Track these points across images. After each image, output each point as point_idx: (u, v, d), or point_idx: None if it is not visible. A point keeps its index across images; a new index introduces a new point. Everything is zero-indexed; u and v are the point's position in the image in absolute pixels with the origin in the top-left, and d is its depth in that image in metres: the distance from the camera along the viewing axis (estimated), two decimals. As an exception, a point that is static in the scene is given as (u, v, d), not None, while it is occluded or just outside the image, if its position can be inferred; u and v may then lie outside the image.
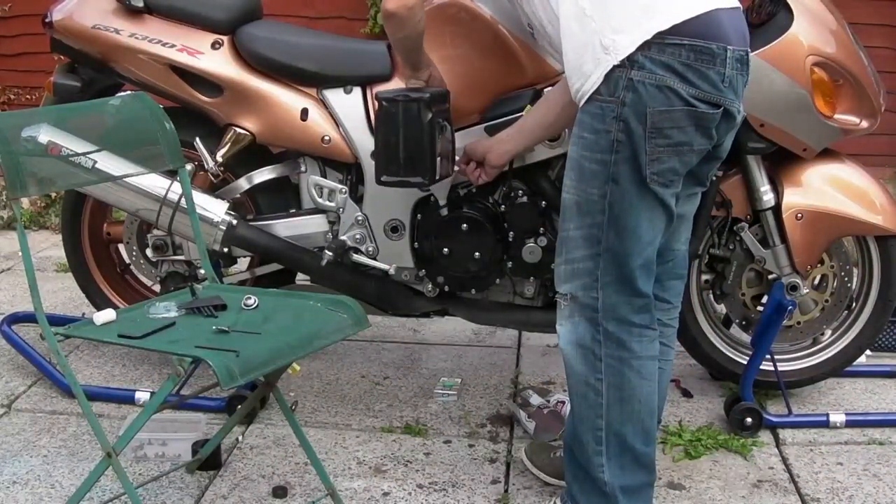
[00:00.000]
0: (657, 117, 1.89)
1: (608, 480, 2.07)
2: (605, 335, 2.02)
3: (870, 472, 2.49)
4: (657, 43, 1.86)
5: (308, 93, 2.67)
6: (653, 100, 1.88)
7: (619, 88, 1.89)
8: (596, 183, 1.95)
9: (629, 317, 2.03)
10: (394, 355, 3.22)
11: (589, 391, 2.05)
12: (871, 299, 2.77)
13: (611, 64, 1.88)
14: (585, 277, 2.01)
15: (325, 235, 2.73)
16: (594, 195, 1.96)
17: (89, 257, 3.07)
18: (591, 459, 2.08)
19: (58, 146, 2.19)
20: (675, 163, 1.94)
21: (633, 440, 2.06)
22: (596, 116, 1.93)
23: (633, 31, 1.87)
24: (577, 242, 2.01)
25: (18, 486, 2.36)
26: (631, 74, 1.87)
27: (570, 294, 2.04)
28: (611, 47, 1.89)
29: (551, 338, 3.26)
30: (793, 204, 2.63)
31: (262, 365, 1.90)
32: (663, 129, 1.90)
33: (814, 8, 2.52)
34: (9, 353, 3.07)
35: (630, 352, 2.03)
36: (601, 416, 2.05)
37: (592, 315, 2.02)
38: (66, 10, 2.75)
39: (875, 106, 2.59)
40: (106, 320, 2.07)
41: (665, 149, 1.91)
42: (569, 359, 2.07)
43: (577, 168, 1.98)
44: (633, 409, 2.06)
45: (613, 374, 2.03)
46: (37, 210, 4.79)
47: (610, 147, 1.92)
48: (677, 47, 1.87)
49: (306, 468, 2.43)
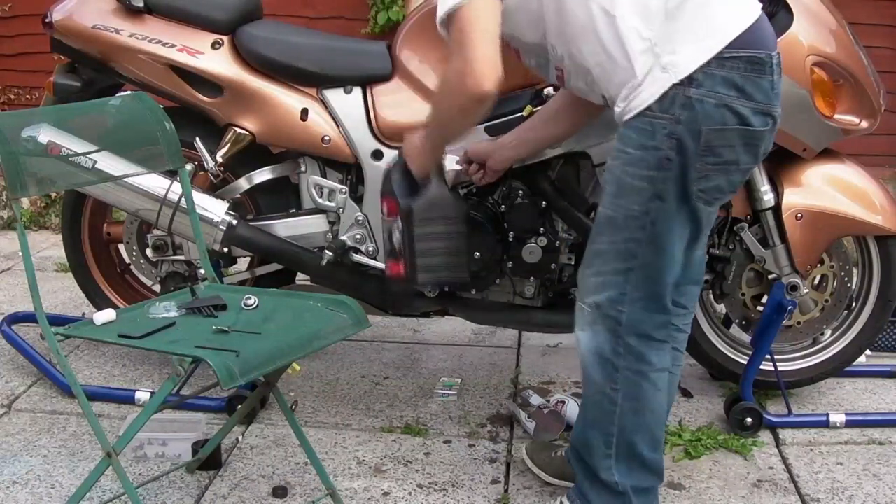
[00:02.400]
0: (711, 135, 1.87)
1: (619, 481, 2.09)
2: (625, 348, 2.01)
3: (870, 472, 2.49)
4: (717, 58, 1.85)
5: (308, 93, 2.67)
6: (708, 118, 1.86)
7: (675, 106, 1.86)
8: (638, 199, 1.92)
9: (651, 332, 2.03)
10: (394, 355, 3.22)
11: (603, 399, 2.05)
12: (871, 299, 2.77)
13: (670, 83, 1.86)
14: (613, 291, 1.99)
15: (325, 235, 2.74)
16: (634, 211, 1.93)
17: (89, 257, 3.07)
18: (599, 462, 2.09)
19: (58, 146, 2.19)
20: (721, 181, 1.94)
21: (642, 447, 2.08)
22: (644, 133, 1.89)
23: (695, 49, 1.85)
24: (610, 256, 1.98)
25: (18, 486, 2.36)
26: (689, 92, 1.85)
27: (596, 303, 2.02)
28: (670, 66, 1.86)
29: (551, 338, 3.27)
30: (793, 204, 2.63)
31: (262, 365, 1.90)
32: (715, 147, 1.89)
33: (814, 8, 2.52)
34: (9, 353, 3.07)
35: (649, 365, 2.04)
36: (613, 424, 2.06)
37: (615, 327, 2.00)
38: (66, 10, 2.75)
39: (875, 106, 2.59)
40: (106, 320, 2.07)
41: (713, 167, 1.91)
42: (587, 365, 2.06)
43: (617, 183, 1.95)
44: (646, 420, 2.07)
45: (630, 385, 2.03)
46: (37, 210, 4.79)
47: (658, 164, 1.89)
48: (736, 60, 1.86)
49: (306, 468, 2.43)
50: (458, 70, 1.88)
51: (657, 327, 2.03)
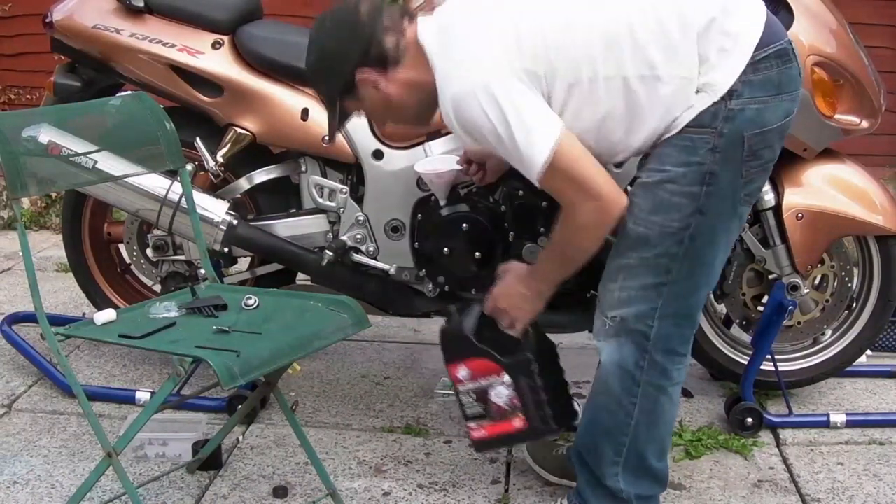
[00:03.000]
0: (753, 140, 1.89)
1: (624, 489, 2.09)
2: (650, 363, 2.00)
3: (870, 472, 2.49)
4: (750, 64, 1.86)
5: (308, 93, 2.66)
6: (750, 124, 1.88)
7: (718, 119, 1.87)
8: (678, 216, 1.91)
9: (677, 347, 2.03)
10: (394, 355, 3.22)
11: (619, 411, 2.05)
12: (872, 299, 2.77)
13: (710, 101, 1.86)
14: (643, 305, 1.97)
15: (326, 235, 2.73)
16: (672, 227, 1.92)
17: (89, 257, 3.07)
18: (606, 469, 2.09)
19: (58, 146, 2.19)
20: (761, 180, 1.98)
21: (651, 458, 2.09)
22: (685, 149, 1.89)
23: (728, 64, 1.86)
24: (640, 271, 1.97)
25: (19, 486, 2.36)
26: (730, 104, 1.86)
27: (620, 318, 2.00)
28: (706, 86, 1.87)
29: (551, 338, 3.26)
30: (793, 204, 2.63)
31: (263, 365, 1.90)
32: (757, 150, 1.91)
33: (814, 8, 2.52)
34: (9, 353, 3.07)
35: (669, 380, 2.04)
36: (626, 435, 2.06)
37: (642, 342, 1.99)
38: (66, 10, 2.75)
39: (875, 106, 2.59)
40: (106, 320, 2.07)
41: (756, 169, 1.94)
42: (607, 376, 2.05)
43: (654, 199, 1.93)
44: (659, 432, 2.08)
45: (649, 400, 2.03)
46: (37, 210, 4.79)
47: (701, 179, 1.89)
48: (766, 59, 1.88)
49: (307, 468, 2.43)
50: (592, 208, 1.88)
51: (684, 342, 2.03)
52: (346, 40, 1.97)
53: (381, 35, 1.95)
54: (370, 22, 1.95)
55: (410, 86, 1.98)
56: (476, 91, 1.83)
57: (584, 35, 1.86)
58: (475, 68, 1.86)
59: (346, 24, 1.97)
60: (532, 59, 1.85)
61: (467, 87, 1.84)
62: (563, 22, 1.88)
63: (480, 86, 1.83)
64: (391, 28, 1.96)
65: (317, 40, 2.03)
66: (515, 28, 1.87)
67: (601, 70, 1.85)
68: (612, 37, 1.85)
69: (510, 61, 1.84)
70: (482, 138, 1.88)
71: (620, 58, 1.85)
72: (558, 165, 1.85)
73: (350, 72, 1.97)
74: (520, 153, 1.85)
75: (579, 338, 3.00)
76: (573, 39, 1.86)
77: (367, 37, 1.95)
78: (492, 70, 1.84)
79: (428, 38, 1.94)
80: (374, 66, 1.96)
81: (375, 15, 1.96)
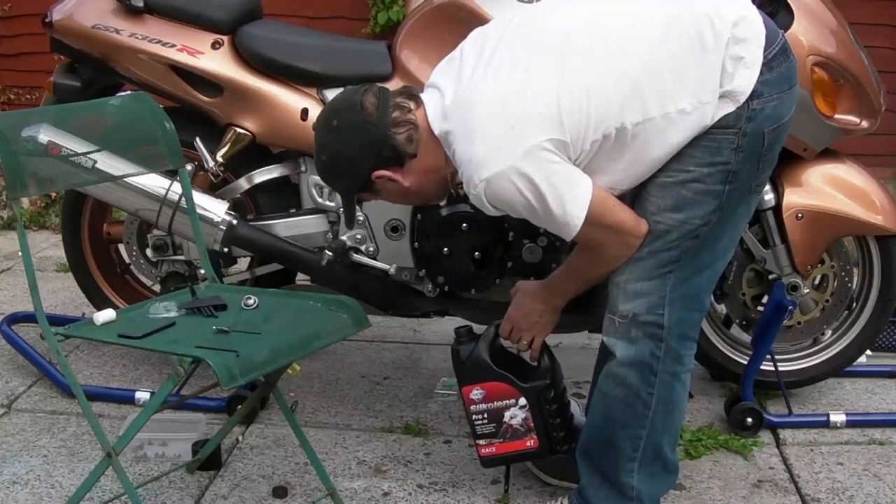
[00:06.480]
0: (771, 136, 1.93)
1: (635, 486, 2.10)
2: (665, 351, 2.01)
3: (870, 472, 2.48)
4: (765, 63, 1.88)
5: (308, 93, 2.67)
6: (769, 120, 1.91)
7: (741, 120, 1.89)
8: (700, 213, 1.93)
9: (690, 332, 2.05)
10: (394, 355, 3.22)
11: (637, 403, 2.06)
12: (872, 299, 2.77)
13: (734, 107, 1.88)
14: (652, 296, 1.99)
15: (326, 235, 2.73)
16: (694, 224, 1.94)
17: (89, 257, 3.07)
18: (621, 465, 2.10)
19: (58, 146, 2.19)
20: (770, 169, 2.02)
21: (666, 448, 2.11)
22: (709, 150, 1.91)
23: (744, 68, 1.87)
24: (649, 263, 1.98)
25: (18, 486, 2.36)
26: (753, 105, 1.89)
27: (631, 314, 2.01)
28: (728, 94, 1.88)
29: (551, 338, 3.21)
30: (793, 204, 2.63)
31: (262, 365, 1.90)
32: (772, 144, 1.96)
33: (814, 8, 2.52)
34: (9, 353, 3.07)
35: (682, 366, 2.06)
36: (644, 427, 2.07)
37: (656, 332, 2.00)
38: (66, 10, 2.75)
39: (875, 106, 2.59)
40: (106, 320, 2.07)
41: (769, 161, 1.98)
42: (623, 373, 2.05)
43: (676, 198, 1.93)
44: (674, 421, 2.10)
45: (665, 388, 2.04)
46: (37, 210, 4.79)
47: (725, 178, 1.92)
48: (776, 56, 1.91)
49: (306, 468, 2.43)
50: (620, 243, 1.96)
51: (694, 326, 2.06)
52: (359, 145, 1.94)
53: (393, 132, 1.93)
54: (380, 121, 1.92)
55: (427, 172, 1.99)
56: (508, 174, 1.83)
57: (608, 93, 1.85)
58: (503, 150, 1.84)
59: (355, 126, 1.94)
60: (558, 128, 1.83)
61: (498, 169, 1.83)
62: (584, 85, 1.85)
63: (513, 168, 1.83)
64: (401, 121, 1.94)
65: (327, 144, 1.99)
66: (534, 99, 1.84)
67: (628, 118, 1.86)
68: (632, 82, 1.85)
69: (535, 134, 1.83)
70: (514, 211, 1.91)
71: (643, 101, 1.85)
72: (590, 221, 1.89)
73: (366, 173, 1.97)
74: (556, 222, 1.89)
75: (579, 338, 3.00)
76: (597, 99, 1.85)
77: (379, 139, 1.93)
78: (520, 148, 1.83)
79: (441, 124, 1.93)
80: (389, 166, 1.96)
81: (383, 109, 1.93)
